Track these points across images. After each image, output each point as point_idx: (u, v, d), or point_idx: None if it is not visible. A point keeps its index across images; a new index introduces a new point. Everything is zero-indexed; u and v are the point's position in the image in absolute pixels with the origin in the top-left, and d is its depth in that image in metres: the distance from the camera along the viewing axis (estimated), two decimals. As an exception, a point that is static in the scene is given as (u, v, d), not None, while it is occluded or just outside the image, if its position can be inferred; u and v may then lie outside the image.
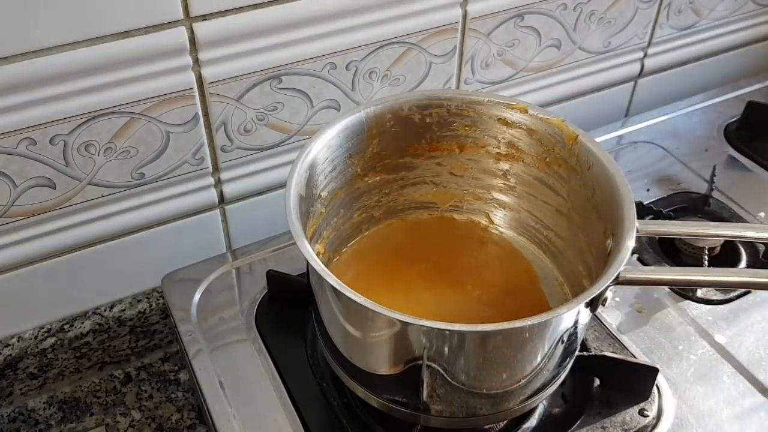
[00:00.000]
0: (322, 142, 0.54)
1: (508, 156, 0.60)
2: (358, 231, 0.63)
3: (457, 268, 0.61)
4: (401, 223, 0.64)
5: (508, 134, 0.58)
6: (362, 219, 0.62)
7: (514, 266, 0.62)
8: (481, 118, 0.58)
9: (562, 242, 0.59)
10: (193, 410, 0.66)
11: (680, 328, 0.63)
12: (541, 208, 0.60)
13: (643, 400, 0.57)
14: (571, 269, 0.58)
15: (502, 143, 0.59)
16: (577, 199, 0.56)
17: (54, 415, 0.67)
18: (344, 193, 0.59)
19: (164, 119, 0.61)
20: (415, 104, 0.58)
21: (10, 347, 0.66)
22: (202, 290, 0.65)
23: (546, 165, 0.58)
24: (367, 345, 0.49)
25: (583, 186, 0.55)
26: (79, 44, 0.55)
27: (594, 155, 0.53)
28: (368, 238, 0.63)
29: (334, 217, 0.59)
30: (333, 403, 0.57)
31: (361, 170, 0.59)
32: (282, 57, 0.63)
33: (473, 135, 0.59)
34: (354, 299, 0.43)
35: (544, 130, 0.56)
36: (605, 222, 0.51)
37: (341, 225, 0.60)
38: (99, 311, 0.69)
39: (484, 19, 0.72)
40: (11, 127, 0.56)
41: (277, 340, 0.61)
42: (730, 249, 0.70)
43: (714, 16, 0.90)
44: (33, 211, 0.61)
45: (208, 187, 0.68)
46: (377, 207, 0.62)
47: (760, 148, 0.83)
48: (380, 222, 0.64)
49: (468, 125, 0.59)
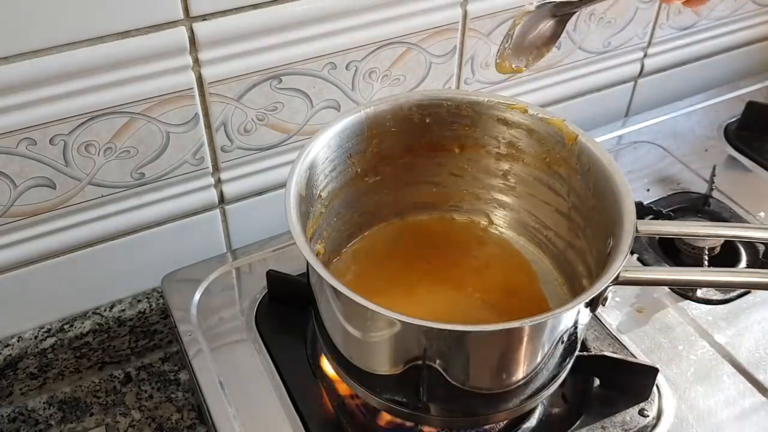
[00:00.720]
0: (321, 142, 0.54)
1: (508, 156, 0.60)
2: (358, 231, 0.63)
3: (457, 268, 0.61)
4: (401, 223, 0.64)
5: (508, 134, 0.58)
6: (362, 219, 0.62)
7: (514, 266, 0.61)
8: (481, 118, 0.58)
9: (562, 242, 0.59)
10: (193, 410, 0.66)
11: (680, 328, 0.63)
12: (541, 208, 0.60)
13: (643, 400, 0.57)
14: (571, 269, 0.58)
15: (502, 143, 0.59)
16: (577, 199, 0.56)
17: (54, 415, 0.67)
18: (344, 193, 0.59)
19: (164, 119, 0.61)
20: (415, 104, 0.58)
21: (10, 347, 0.66)
22: (202, 290, 0.65)
23: (546, 165, 0.58)
24: (366, 345, 0.49)
25: (583, 186, 0.55)
26: (79, 44, 0.55)
27: (594, 155, 0.53)
28: (368, 239, 0.63)
29: (334, 217, 0.59)
30: (333, 403, 0.57)
31: (361, 170, 0.59)
32: (282, 57, 0.63)
33: (473, 135, 0.59)
34: (354, 299, 0.43)
35: (544, 130, 0.56)
36: (605, 222, 0.51)
37: (341, 225, 0.60)
38: (99, 311, 0.69)
39: (484, 19, 0.72)
40: (11, 127, 0.56)
41: (277, 340, 0.61)
42: (730, 249, 0.70)
43: (714, 16, 0.90)
44: (33, 211, 0.61)
45: (208, 187, 0.68)
46: (377, 207, 0.62)
47: (760, 148, 0.83)
48: (380, 222, 0.64)
49: (468, 125, 0.59)
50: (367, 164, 0.59)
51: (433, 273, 0.60)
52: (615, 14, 0.81)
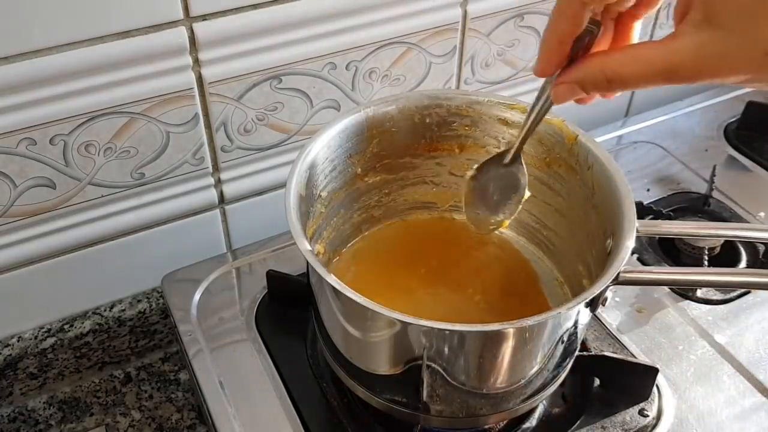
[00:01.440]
0: (322, 142, 0.54)
1: None
2: (358, 231, 0.63)
3: (457, 268, 0.61)
4: (401, 223, 0.64)
5: (508, 134, 0.58)
6: (362, 219, 0.62)
7: (514, 266, 0.61)
8: (481, 118, 0.58)
9: (562, 242, 0.59)
10: (193, 410, 0.66)
11: (680, 328, 0.63)
12: (541, 208, 0.60)
13: (643, 400, 0.57)
14: (571, 269, 0.58)
15: (502, 143, 0.59)
16: (576, 199, 0.56)
17: (54, 415, 0.67)
18: (344, 193, 0.59)
19: (164, 119, 0.61)
20: (415, 104, 0.58)
21: (10, 347, 0.66)
22: (202, 290, 0.65)
23: (546, 165, 0.58)
24: (367, 345, 0.49)
25: (583, 186, 0.55)
26: (79, 44, 0.55)
27: (594, 155, 0.53)
28: (368, 239, 0.63)
29: (334, 217, 0.59)
30: (333, 403, 0.57)
31: (361, 170, 0.59)
32: (282, 57, 0.63)
33: (473, 135, 0.59)
34: (354, 299, 0.43)
35: (544, 130, 0.56)
36: (605, 222, 0.51)
37: (341, 225, 0.60)
38: (99, 311, 0.69)
39: (484, 19, 0.72)
40: (11, 127, 0.56)
41: (277, 340, 0.61)
42: (730, 249, 0.70)
43: (714, 16, 0.90)
44: (33, 211, 0.61)
45: (208, 187, 0.68)
46: (377, 207, 0.62)
47: (760, 148, 0.83)
48: (380, 222, 0.64)
49: (468, 125, 0.59)
50: (368, 164, 0.59)
51: (433, 273, 0.60)
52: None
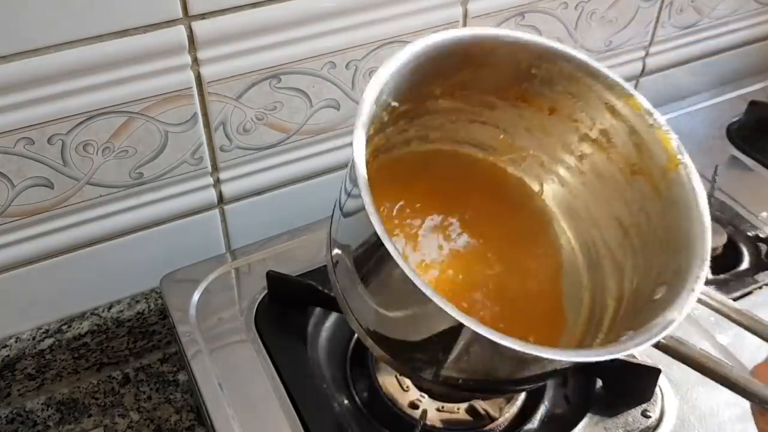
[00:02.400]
0: (417, 48, 0.47)
1: (596, 142, 0.53)
2: (406, 144, 0.56)
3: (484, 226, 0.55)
4: (452, 152, 0.58)
5: (608, 122, 0.52)
6: (417, 135, 0.56)
7: (544, 247, 0.56)
8: (591, 95, 0.52)
9: (607, 251, 0.54)
10: (191, 411, 0.66)
11: (681, 329, 0.63)
12: (600, 207, 0.54)
13: (646, 401, 0.57)
14: (600, 280, 0.53)
15: (596, 127, 0.53)
16: (644, 221, 0.50)
17: (52, 416, 0.66)
18: (413, 106, 0.52)
19: (163, 118, 0.61)
20: (529, 51, 0.50)
21: (8, 348, 0.66)
22: (201, 291, 0.65)
23: (630, 171, 0.51)
24: (399, 320, 0.45)
25: (659, 215, 0.48)
26: (76, 43, 0.54)
27: (687, 193, 0.47)
28: (413, 155, 0.57)
29: (391, 126, 0.52)
30: (333, 403, 0.57)
31: (439, 92, 0.52)
32: (281, 56, 0.63)
33: (572, 105, 0.53)
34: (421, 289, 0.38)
35: (647, 137, 0.50)
36: (663, 265, 0.46)
37: (395, 135, 0.54)
38: (97, 312, 0.69)
39: (484, 18, 0.72)
40: (9, 126, 0.55)
41: (277, 340, 0.61)
42: (732, 249, 0.70)
43: (716, 15, 0.90)
44: (31, 211, 0.61)
45: (206, 187, 0.68)
46: (437, 130, 0.56)
47: (763, 147, 0.82)
48: (433, 143, 0.57)
49: (572, 94, 0.52)
50: (448, 88, 0.52)
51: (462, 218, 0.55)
52: (616, 13, 0.81)
